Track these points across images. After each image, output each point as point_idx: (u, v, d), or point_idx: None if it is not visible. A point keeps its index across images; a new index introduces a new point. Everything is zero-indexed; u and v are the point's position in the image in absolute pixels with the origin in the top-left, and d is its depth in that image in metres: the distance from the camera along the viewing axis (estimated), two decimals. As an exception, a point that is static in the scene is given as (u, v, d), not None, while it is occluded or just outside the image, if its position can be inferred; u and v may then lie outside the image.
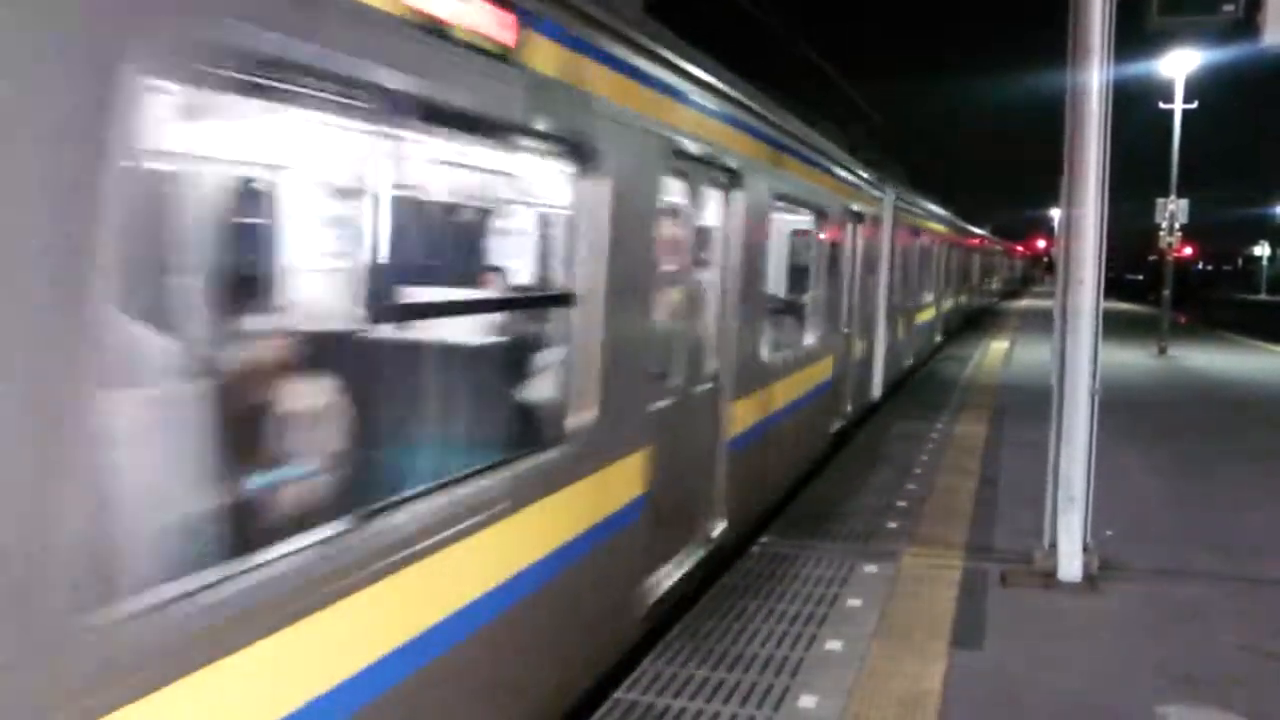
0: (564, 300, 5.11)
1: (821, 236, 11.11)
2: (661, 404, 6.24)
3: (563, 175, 5.05)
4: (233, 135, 3.97)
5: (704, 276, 7.39)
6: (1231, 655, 6.31)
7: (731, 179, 7.51)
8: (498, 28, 4.01)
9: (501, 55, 4.05)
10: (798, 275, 11.32)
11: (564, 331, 5.18)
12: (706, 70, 6.76)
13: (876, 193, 15.06)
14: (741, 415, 7.88)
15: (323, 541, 3.15)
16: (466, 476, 4.08)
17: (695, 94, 6.62)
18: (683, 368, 6.78)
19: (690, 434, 6.89)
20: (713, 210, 7.41)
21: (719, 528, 7.52)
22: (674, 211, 6.54)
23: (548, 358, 5.49)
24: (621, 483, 5.59)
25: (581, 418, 5.07)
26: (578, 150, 4.91)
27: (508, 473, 4.38)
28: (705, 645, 6.13)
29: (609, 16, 5.05)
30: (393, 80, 3.35)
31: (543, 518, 4.63)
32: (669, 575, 6.56)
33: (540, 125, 4.50)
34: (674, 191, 6.45)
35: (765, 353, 8.64)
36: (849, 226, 12.64)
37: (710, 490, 7.41)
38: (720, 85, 7.10)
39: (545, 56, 4.41)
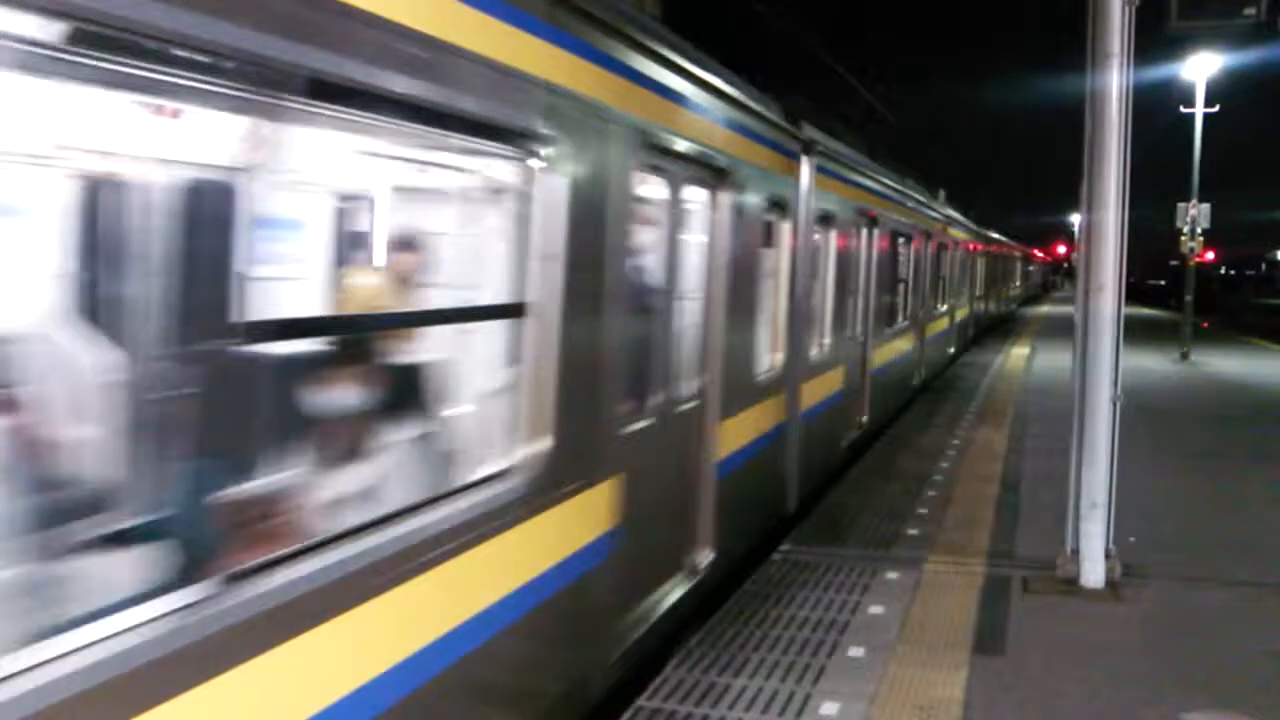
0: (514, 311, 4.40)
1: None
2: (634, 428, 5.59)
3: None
4: None
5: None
6: (1256, 661, 6.27)
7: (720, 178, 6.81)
8: None
9: None
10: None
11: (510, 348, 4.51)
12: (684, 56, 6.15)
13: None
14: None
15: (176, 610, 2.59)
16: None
17: (663, 75, 5.77)
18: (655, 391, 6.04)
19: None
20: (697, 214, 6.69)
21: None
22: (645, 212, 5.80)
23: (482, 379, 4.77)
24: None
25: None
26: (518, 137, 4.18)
27: (434, 516, 3.70)
28: (727, 652, 6.14)
29: None
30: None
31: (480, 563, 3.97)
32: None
33: (471, 111, 3.84)
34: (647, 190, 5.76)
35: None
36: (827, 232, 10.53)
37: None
38: (705, 76, 6.42)
39: None
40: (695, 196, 6.61)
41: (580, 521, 4.87)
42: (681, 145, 6.01)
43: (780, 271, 8.69)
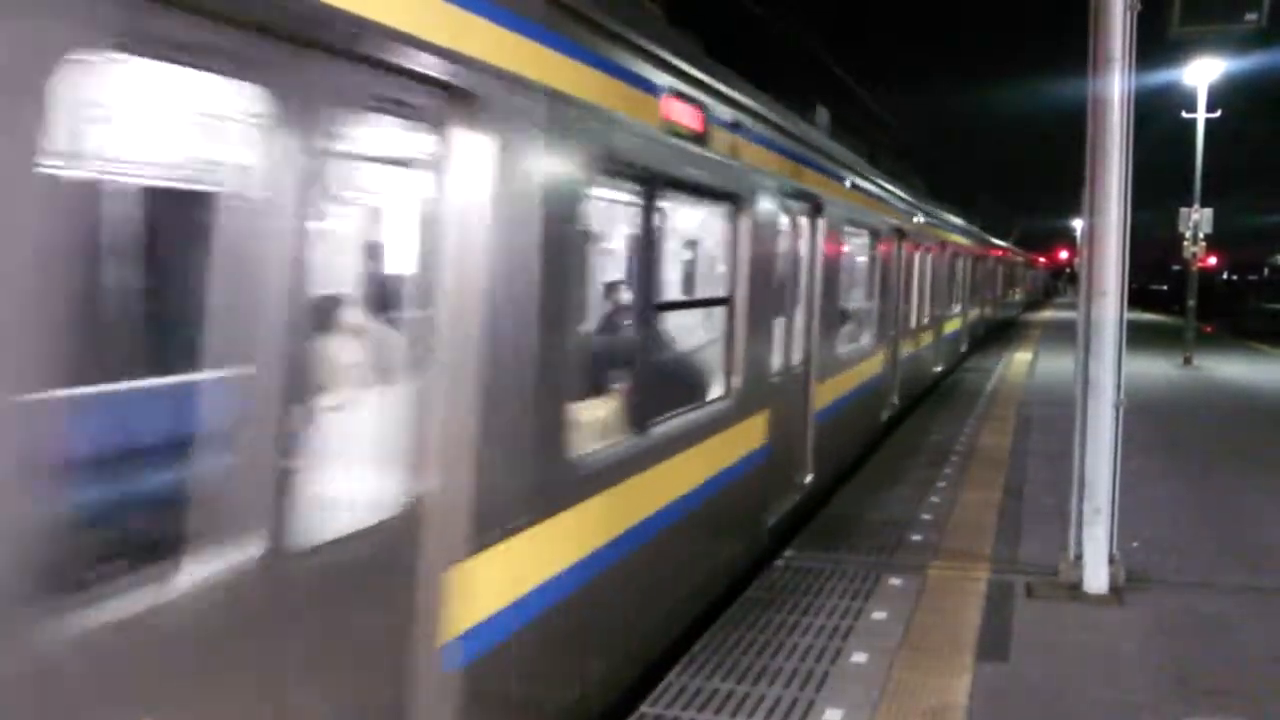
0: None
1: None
2: None
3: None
4: None
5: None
6: (1260, 668, 6.25)
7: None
8: None
9: None
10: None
11: None
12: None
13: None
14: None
15: None
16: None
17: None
18: None
19: None
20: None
21: None
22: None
23: None
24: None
25: None
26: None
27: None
28: (730, 659, 6.13)
29: None
30: None
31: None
32: None
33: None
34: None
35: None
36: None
37: None
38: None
39: None
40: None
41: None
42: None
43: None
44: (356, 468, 3.59)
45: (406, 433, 3.65)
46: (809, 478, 9.62)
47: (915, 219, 16.76)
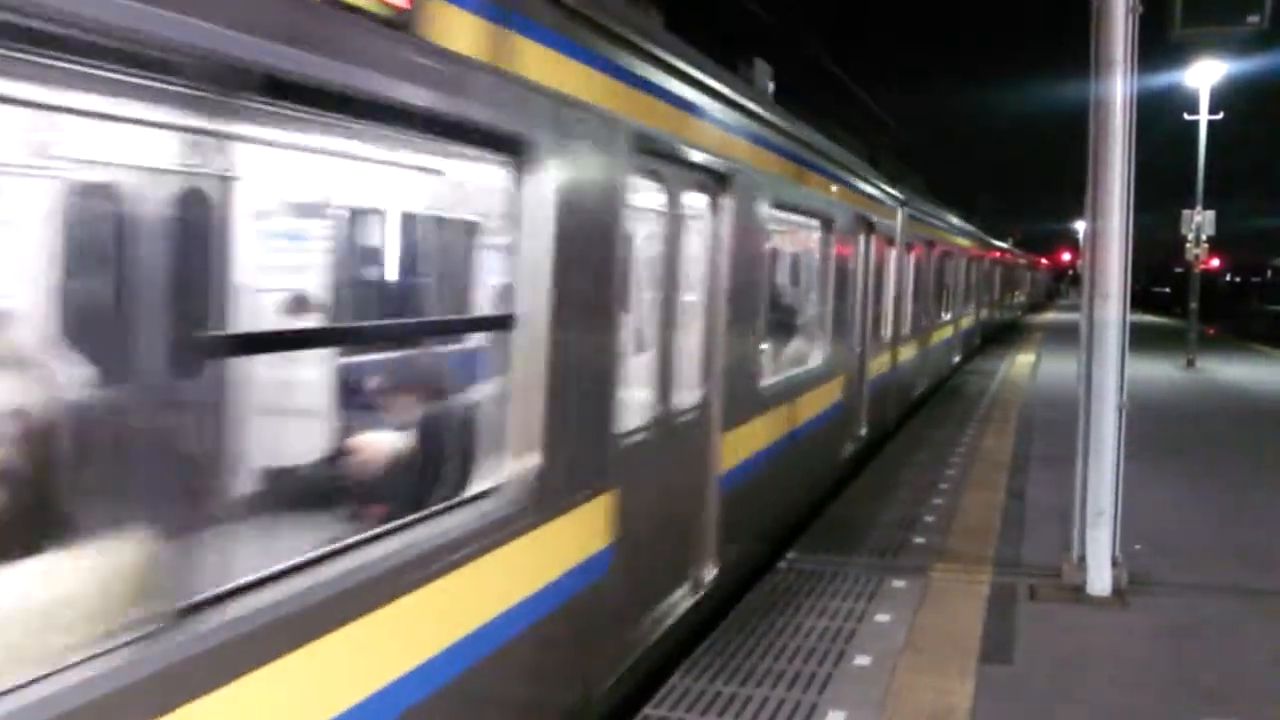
0: None
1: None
2: None
3: None
4: None
5: None
6: (1264, 670, 6.25)
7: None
8: None
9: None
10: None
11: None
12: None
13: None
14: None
15: None
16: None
17: None
18: None
19: None
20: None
21: None
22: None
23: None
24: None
25: None
26: None
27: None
28: (733, 661, 6.13)
29: None
30: None
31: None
32: None
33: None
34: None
35: None
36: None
37: None
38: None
39: None
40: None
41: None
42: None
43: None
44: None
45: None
46: (713, 573, 6.88)
47: (894, 211, 14.56)
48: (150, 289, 2.69)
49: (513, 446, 4.33)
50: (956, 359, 23.97)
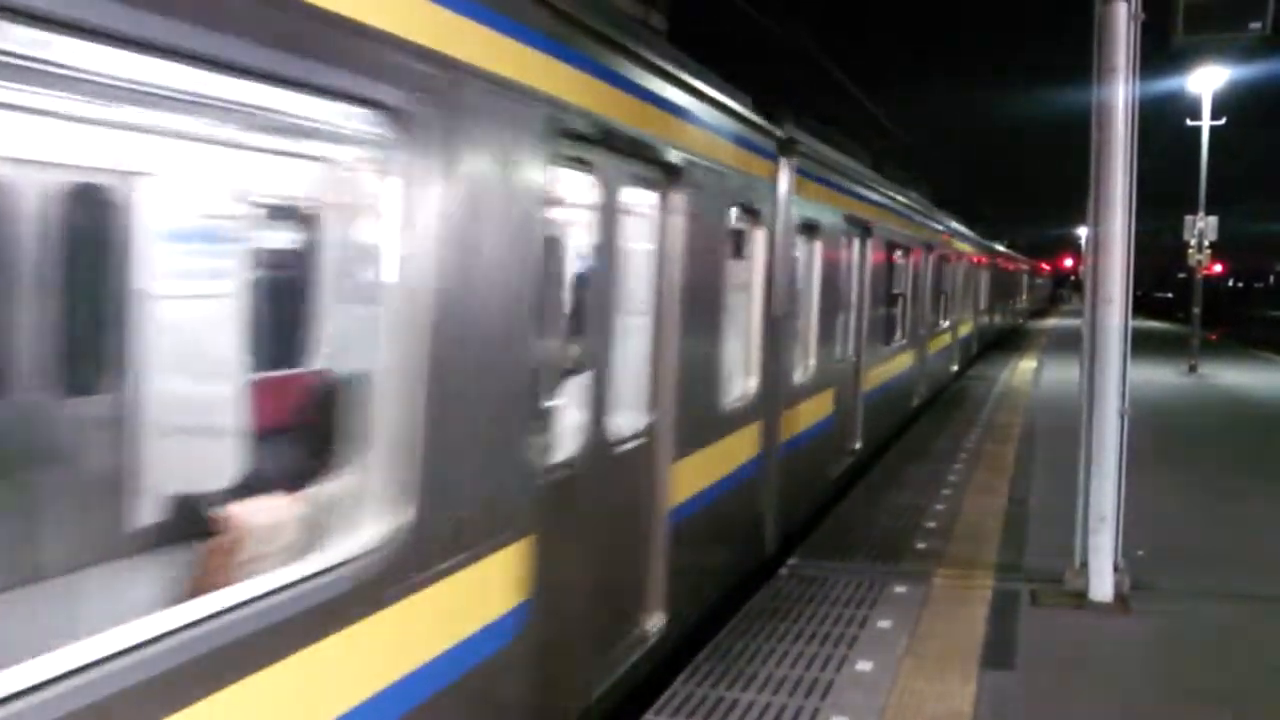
0: None
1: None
2: None
3: None
4: None
5: None
6: (1266, 676, 6.25)
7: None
8: None
9: None
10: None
11: None
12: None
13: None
14: None
15: None
16: None
17: None
18: None
19: None
20: None
21: None
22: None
23: None
24: None
25: None
26: None
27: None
28: (735, 667, 6.13)
29: None
30: None
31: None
32: None
33: None
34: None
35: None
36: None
37: None
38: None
39: None
40: None
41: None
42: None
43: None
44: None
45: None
46: (661, 624, 6.10)
47: (884, 210, 13.63)
48: None
49: (379, 497, 3.38)
50: (956, 367, 23.65)
